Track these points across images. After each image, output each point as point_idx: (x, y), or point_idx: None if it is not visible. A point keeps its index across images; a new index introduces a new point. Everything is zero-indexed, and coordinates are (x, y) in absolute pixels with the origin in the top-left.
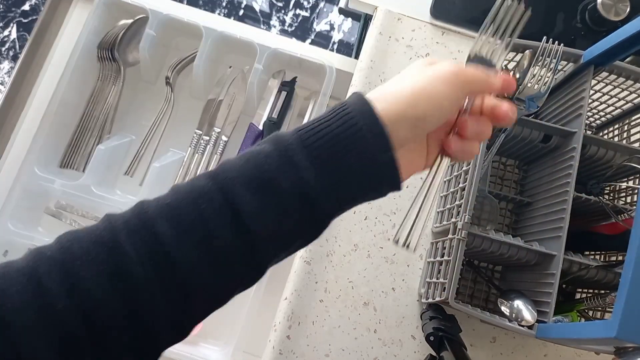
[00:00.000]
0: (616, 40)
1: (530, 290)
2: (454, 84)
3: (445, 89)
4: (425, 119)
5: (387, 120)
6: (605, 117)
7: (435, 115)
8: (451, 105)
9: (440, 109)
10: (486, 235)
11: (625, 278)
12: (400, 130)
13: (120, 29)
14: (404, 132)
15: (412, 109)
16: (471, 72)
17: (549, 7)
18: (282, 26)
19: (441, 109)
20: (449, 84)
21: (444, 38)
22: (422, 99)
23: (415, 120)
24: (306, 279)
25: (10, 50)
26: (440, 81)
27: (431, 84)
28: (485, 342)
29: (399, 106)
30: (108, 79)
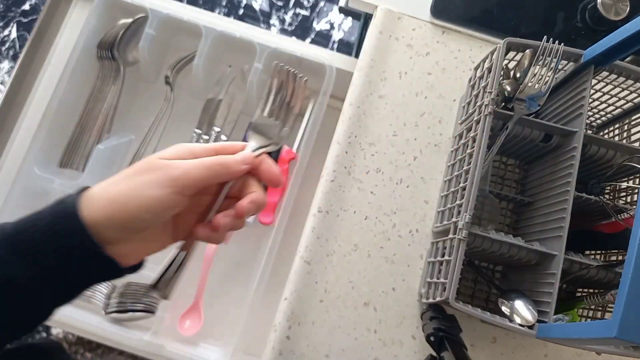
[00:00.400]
0: (616, 39)
1: (531, 290)
2: (173, 187)
3: (159, 194)
4: (135, 221)
5: (94, 221)
6: (605, 116)
7: (146, 218)
8: (169, 206)
9: (151, 212)
10: (487, 235)
11: (626, 277)
12: (108, 231)
13: (120, 28)
14: (114, 232)
15: (120, 213)
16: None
17: (549, 7)
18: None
19: (156, 212)
20: (166, 188)
21: (444, 37)
22: (132, 205)
23: (124, 222)
24: (306, 279)
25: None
26: (157, 186)
27: (146, 189)
28: (485, 342)
29: (106, 210)
30: (108, 79)
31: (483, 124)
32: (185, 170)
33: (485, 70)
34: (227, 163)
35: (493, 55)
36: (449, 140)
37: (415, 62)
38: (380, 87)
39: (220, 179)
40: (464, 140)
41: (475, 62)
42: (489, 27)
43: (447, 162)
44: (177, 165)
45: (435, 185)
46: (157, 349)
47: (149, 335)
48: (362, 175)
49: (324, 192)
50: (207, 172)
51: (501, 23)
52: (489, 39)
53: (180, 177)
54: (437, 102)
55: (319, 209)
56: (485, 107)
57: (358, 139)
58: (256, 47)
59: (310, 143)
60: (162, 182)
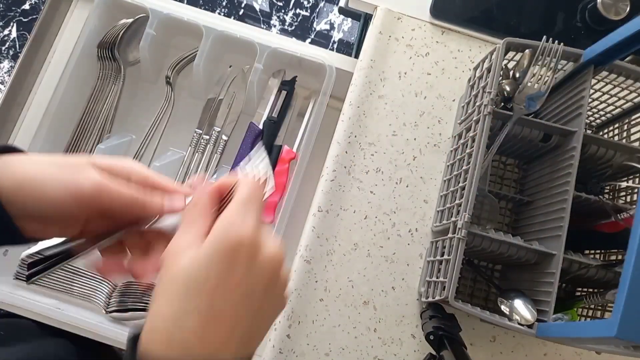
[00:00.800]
0: (616, 39)
1: (530, 289)
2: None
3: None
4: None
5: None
6: (605, 116)
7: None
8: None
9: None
10: (486, 234)
11: (625, 277)
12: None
13: (121, 28)
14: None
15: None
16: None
17: (549, 7)
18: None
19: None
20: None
21: (444, 37)
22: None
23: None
24: (306, 278)
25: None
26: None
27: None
28: (485, 341)
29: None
30: (108, 79)
31: (482, 124)
32: (96, 188)
33: (484, 70)
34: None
35: (492, 55)
36: (449, 140)
37: (414, 62)
38: (380, 87)
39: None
40: (463, 140)
41: (475, 62)
42: (488, 27)
43: (446, 162)
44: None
45: (434, 184)
46: None
47: None
48: (361, 174)
49: (323, 192)
50: (134, 203)
51: (501, 23)
52: (489, 39)
53: (86, 193)
54: (436, 102)
55: (319, 209)
56: (484, 107)
57: (358, 138)
58: (256, 47)
59: (310, 143)
60: (69, 188)
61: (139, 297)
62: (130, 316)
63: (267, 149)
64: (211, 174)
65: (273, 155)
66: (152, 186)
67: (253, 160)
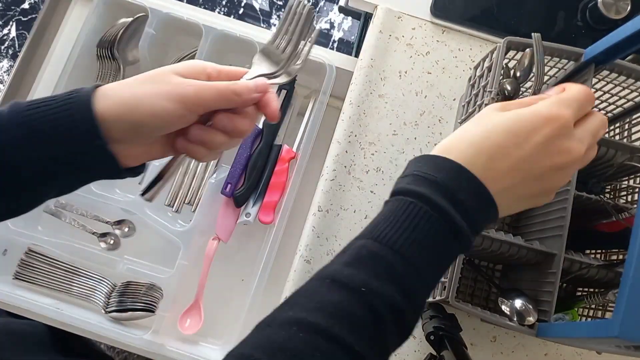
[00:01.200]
0: (617, 38)
1: (531, 289)
2: (182, 103)
3: (169, 107)
4: (145, 126)
5: (104, 117)
6: (606, 115)
7: (156, 124)
8: (176, 120)
9: (162, 122)
10: (487, 234)
11: (627, 277)
12: (118, 128)
13: (120, 27)
14: (124, 131)
15: (129, 115)
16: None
17: (549, 6)
18: None
19: (164, 122)
20: (176, 103)
21: (444, 36)
22: (143, 109)
23: (134, 125)
24: (306, 278)
25: (10, 48)
26: (167, 98)
27: (157, 98)
28: (485, 341)
29: (119, 109)
30: (107, 78)
31: None
32: (197, 90)
33: (485, 69)
34: (240, 90)
35: (493, 54)
36: None
37: (415, 61)
38: (380, 86)
39: (230, 105)
40: None
41: (475, 61)
42: (489, 26)
43: None
44: (190, 83)
45: None
46: (157, 347)
47: (149, 334)
48: (362, 174)
49: (324, 191)
50: (218, 96)
51: (501, 22)
52: (489, 38)
53: (190, 97)
54: (437, 101)
55: (319, 208)
56: (485, 106)
57: (358, 138)
58: (256, 46)
59: (310, 142)
60: (173, 97)
61: (138, 297)
62: (129, 316)
63: (267, 149)
64: (210, 173)
65: (273, 155)
66: (226, 76)
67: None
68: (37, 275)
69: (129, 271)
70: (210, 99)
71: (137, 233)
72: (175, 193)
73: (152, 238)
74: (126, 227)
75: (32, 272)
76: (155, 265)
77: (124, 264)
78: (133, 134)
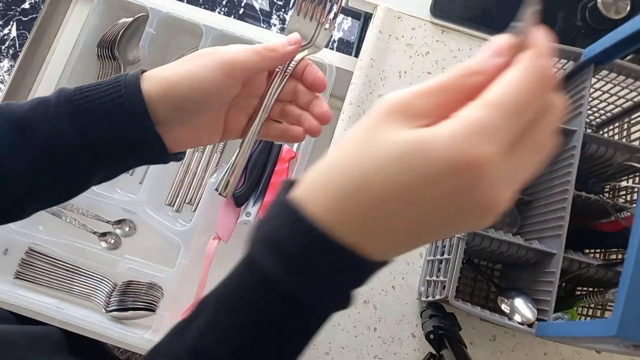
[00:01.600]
0: (616, 38)
1: (530, 288)
2: (224, 70)
3: (208, 74)
4: (189, 100)
5: (150, 97)
6: (605, 115)
7: (202, 98)
8: (220, 89)
9: (207, 93)
10: (486, 233)
11: (626, 276)
12: (165, 108)
13: (120, 27)
14: (171, 110)
15: (173, 91)
16: (245, 55)
17: (549, 6)
18: (282, 24)
19: (208, 92)
20: (218, 70)
21: (444, 36)
22: (186, 83)
23: (180, 100)
24: None
25: (10, 48)
26: (209, 68)
27: (199, 70)
28: (485, 341)
29: (164, 87)
30: (108, 77)
31: None
32: (234, 53)
33: None
34: (274, 46)
35: None
36: None
37: (415, 61)
38: (380, 86)
39: (268, 62)
40: None
41: None
42: (488, 26)
43: None
44: (227, 50)
45: None
46: None
47: (149, 333)
48: None
49: None
50: (255, 56)
51: (501, 22)
52: (489, 38)
53: (229, 60)
54: None
55: None
56: None
57: None
58: None
59: (310, 142)
60: (211, 65)
61: (139, 296)
62: (130, 315)
63: (267, 148)
64: (211, 173)
65: (273, 155)
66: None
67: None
68: (38, 275)
69: (129, 270)
70: (248, 60)
71: (138, 232)
72: (175, 192)
73: (153, 237)
74: (127, 227)
75: (33, 271)
76: (155, 264)
77: (124, 263)
78: (179, 114)
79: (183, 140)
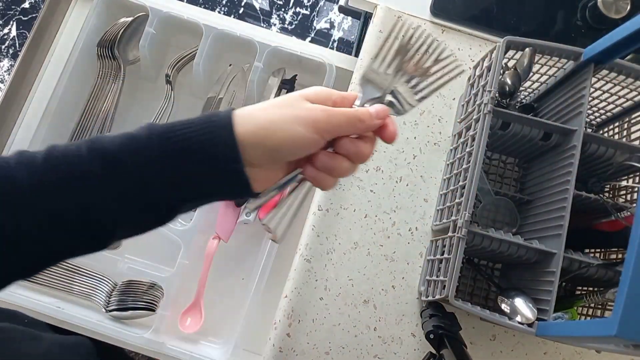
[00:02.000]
0: (617, 38)
1: (531, 288)
2: (315, 128)
3: (303, 132)
4: (280, 150)
5: (243, 141)
6: (605, 114)
7: (290, 149)
8: (309, 145)
9: (296, 147)
10: (486, 233)
11: (626, 276)
12: (254, 153)
13: (120, 26)
14: (259, 156)
15: (267, 140)
16: (337, 120)
17: (549, 5)
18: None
19: (298, 147)
20: (310, 128)
21: (444, 36)
22: (280, 134)
23: (270, 149)
24: (306, 276)
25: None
26: (302, 124)
27: (293, 124)
28: (485, 340)
29: (258, 134)
30: (108, 77)
31: (482, 123)
32: (328, 116)
33: (484, 69)
34: (364, 117)
35: (492, 54)
36: (449, 138)
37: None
38: None
39: (355, 131)
40: (463, 139)
41: (475, 60)
42: (488, 25)
43: (446, 161)
44: (322, 109)
45: (434, 183)
46: (158, 346)
47: (149, 333)
48: (361, 173)
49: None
50: (346, 122)
51: (501, 22)
52: (489, 37)
53: (323, 122)
54: (436, 100)
55: (319, 207)
56: (484, 105)
57: None
58: (256, 46)
59: None
60: (307, 122)
61: (139, 296)
62: (130, 315)
63: None
64: None
65: None
66: (348, 101)
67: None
68: (38, 275)
69: (129, 270)
70: (340, 125)
71: None
72: None
73: (153, 237)
74: None
75: None
76: (155, 264)
77: (124, 263)
78: (267, 158)
79: (264, 180)
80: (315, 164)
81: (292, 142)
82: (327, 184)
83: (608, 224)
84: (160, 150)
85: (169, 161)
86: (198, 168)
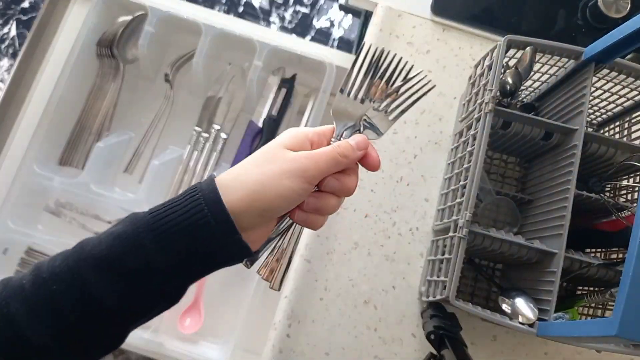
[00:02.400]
0: (617, 37)
1: (531, 288)
2: (303, 178)
3: (293, 185)
4: (272, 209)
5: (234, 210)
6: (606, 114)
7: (282, 206)
8: (300, 197)
9: (287, 201)
10: (487, 233)
11: (626, 275)
12: (247, 218)
13: (120, 26)
14: (251, 219)
15: (259, 202)
16: (323, 163)
17: (550, 4)
18: (281, 23)
19: (289, 201)
20: (298, 179)
21: (444, 35)
22: (270, 194)
23: (262, 210)
24: (306, 277)
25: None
26: (290, 177)
27: (281, 179)
28: (485, 341)
29: (248, 198)
30: (107, 76)
31: (483, 122)
32: (315, 162)
33: (485, 67)
34: (347, 152)
35: (493, 52)
36: (449, 138)
37: (415, 59)
38: None
39: (340, 167)
40: (464, 138)
41: (476, 59)
42: (489, 24)
43: (447, 160)
44: (306, 156)
45: (435, 183)
46: (157, 347)
47: (149, 333)
48: (362, 173)
49: None
50: (332, 162)
51: (502, 21)
52: (490, 36)
53: (311, 169)
54: (437, 100)
55: None
56: (485, 104)
57: None
58: (256, 44)
59: None
60: (295, 174)
61: None
62: None
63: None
64: (211, 172)
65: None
66: (324, 137)
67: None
68: None
69: None
70: (326, 167)
71: None
72: (175, 191)
73: None
74: None
75: None
76: None
77: None
78: (260, 220)
79: (259, 239)
80: (304, 208)
81: (283, 199)
82: (317, 224)
83: (609, 223)
84: (153, 242)
85: (164, 250)
86: (194, 248)
